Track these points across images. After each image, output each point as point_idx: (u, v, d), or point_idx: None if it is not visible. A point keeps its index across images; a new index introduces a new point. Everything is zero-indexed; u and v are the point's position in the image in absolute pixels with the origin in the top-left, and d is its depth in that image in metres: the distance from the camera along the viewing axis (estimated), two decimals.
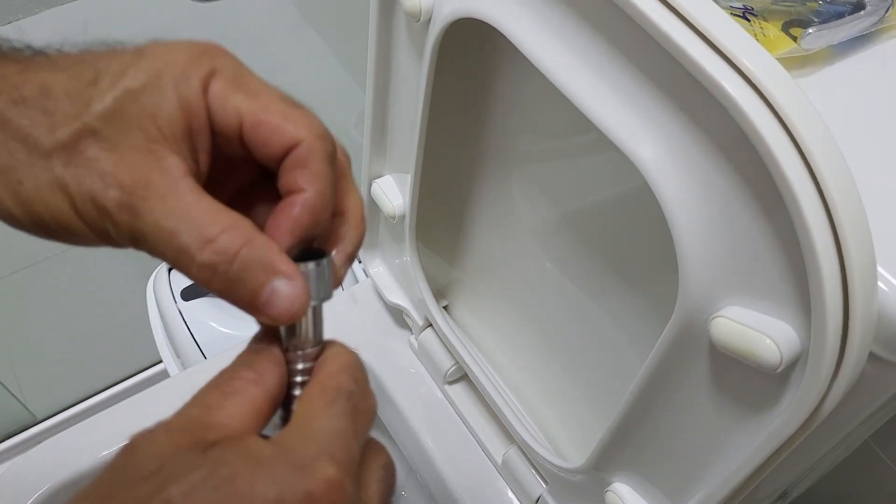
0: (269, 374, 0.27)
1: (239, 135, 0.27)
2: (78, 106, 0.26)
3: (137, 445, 0.24)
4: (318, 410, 0.25)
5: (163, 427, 0.24)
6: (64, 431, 0.70)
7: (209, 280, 0.25)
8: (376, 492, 0.27)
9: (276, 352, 0.28)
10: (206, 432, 0.24)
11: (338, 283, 0.29)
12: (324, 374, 0.27)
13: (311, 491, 0.23)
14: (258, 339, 0.28)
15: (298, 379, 0.28)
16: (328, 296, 0.28)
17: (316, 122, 0.28)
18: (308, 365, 0.28)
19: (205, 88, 0.27)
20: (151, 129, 0.26)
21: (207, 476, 0.22)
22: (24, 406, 1.11)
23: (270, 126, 0.27)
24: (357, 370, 0.28)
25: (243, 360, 0.27)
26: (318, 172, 0.27)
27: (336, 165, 0.29)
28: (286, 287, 0.26)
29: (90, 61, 0.27)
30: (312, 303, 0.27)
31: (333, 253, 0.29)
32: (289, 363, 0.28)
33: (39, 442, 1.06)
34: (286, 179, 0.27)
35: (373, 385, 0.29)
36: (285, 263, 0.26)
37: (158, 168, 0.26)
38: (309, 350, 0.28)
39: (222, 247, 0.25)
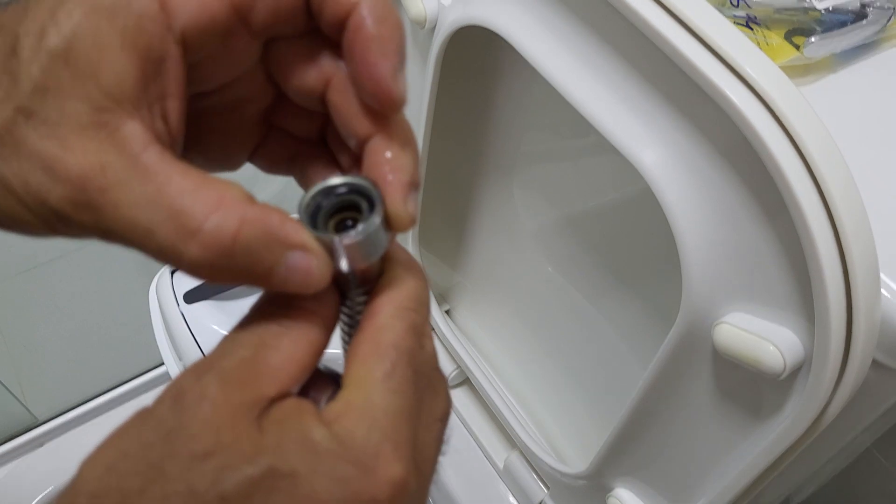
0: (329, 301, 0.23)
1: (232, 14, 0.22)
2: (6, 86, 0.21)
3: (188, 400, 0.20)
4: (375, 384, 0.22)
5: (215, 376, 0.21)
6: (66, 434, 0.70)
7: (209, 276, 0.21)
8: (431, 454, 0.24)
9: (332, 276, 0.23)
10: (261, 384, 0.21)
11: (407, 224, 0.23)
12: (378, 327, 0.23)
13: (375, 497, 0.20)
14: None
15: (359, 300, 0.24)
16: (380, 252, 0.23)
17: None
18: (364, 295, 0.24)
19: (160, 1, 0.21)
20: (95, 93, 0.20)
21: (267, 474, 0.20)
22: (26, 408, 1.11)
23: None
24: (416, 312, 0.24)
25: None
26: None
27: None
28: (303, 259, 0.21)
29: (9, 25, 0.21)
30: (359, 266, 0.23)
31: (388, 184, 0.23)
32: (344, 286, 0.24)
33: (41, 444, 1.07)
34: (326, 15, 0.22)
35: None
36: (294, 232, 0.21)
37: (113, 145, 0.20)
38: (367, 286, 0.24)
39: (212, 237, 0.20)
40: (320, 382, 0.23)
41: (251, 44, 0.23)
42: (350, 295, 0.24)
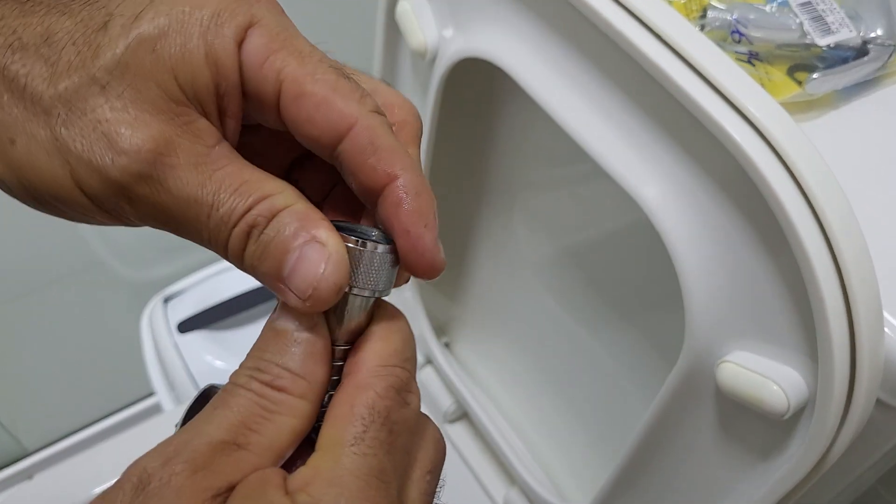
0: (318, 379, 0.22)
1: (276, 105, 0.23)
2: (84, 55, 0.21)
3: (151, 488, 0.20)
4: (344, 447, 0.21)
5: (184, 462, 0.20)
6: (56, 466, 0.69)
7: (240, 251, 0.22)
8: None
9: (323, 346, 0.23)
10: (235, 471, 0.20)
11: (441, 268, 0.24)
12: (356, 386, 0.22)
13: None
14: (302, 324, 0.23)
15: (338, 364, 0.23)
16: (383, 289, 0.24)
17: (370, 99, 0.23)
18: (347, 350, 0.23)
19: (239, 42, 0.22)
20: (171, 86, 0.21)
21: None
22: (14, 437, 1.10)
23: (316, 100, 0.22)
24: (400, 368, 0.23)
25: (287, 358, 0.22)
26: (395, 152, 0.22)
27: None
28: (316, 253, 0.21)
29: (102, 3, 0.22)
30: (364, 292, 0.23)
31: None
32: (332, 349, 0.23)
33: (30, 475, 1.05)
34: (361, 173, 0.23)
35: None
36: (325, 228, 0.22)
37: (188, 131, 0.22)
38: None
39: (259, 210, 0.21)
40: (299, 446, 0.22)
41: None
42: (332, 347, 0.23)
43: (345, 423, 0.21)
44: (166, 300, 0.94)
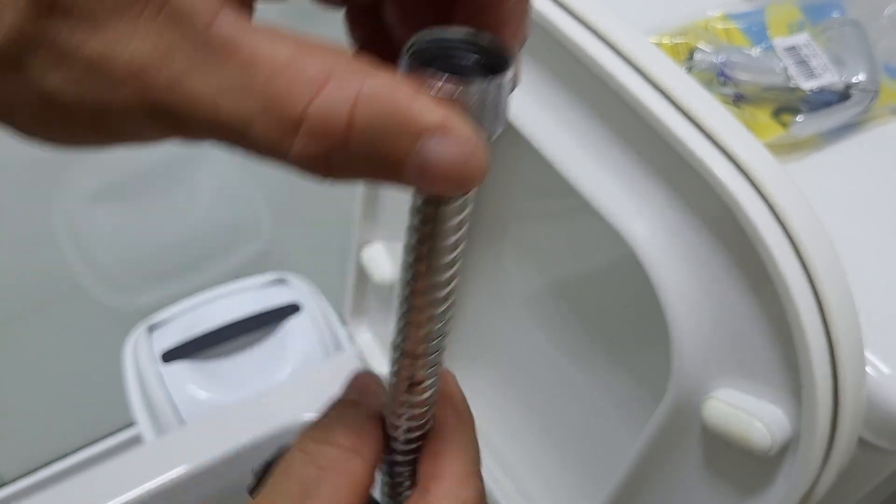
0: (373, 435, 0.22)
1: None
2: None
3: None
4: None
5: None
6: (34, 496, 0.68)
7: (327, 174, 0.16)
8: None
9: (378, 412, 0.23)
10: None
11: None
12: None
13: None
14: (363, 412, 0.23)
15: (405, 456, 0.23)
16: (504, 120, 0.18)
17: None
18: (411, 445, 0.23)
19: None
20: None
21: None
22: None
23: None
24: (473, 490, 0.23)
25: (341, 417, 0.22)
26: None
27: None
28: (442, 148, 0.16)
29: None
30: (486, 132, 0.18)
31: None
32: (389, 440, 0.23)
33: None
34: None
35: None
36: (429, 109, 0.16)
37: (169, 21, 0.16)
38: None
39: (320, 125, 0.16)
40: None
41: None
42: (394, 445, 0.23)
43: None
44: (151, 329, 0.94)
